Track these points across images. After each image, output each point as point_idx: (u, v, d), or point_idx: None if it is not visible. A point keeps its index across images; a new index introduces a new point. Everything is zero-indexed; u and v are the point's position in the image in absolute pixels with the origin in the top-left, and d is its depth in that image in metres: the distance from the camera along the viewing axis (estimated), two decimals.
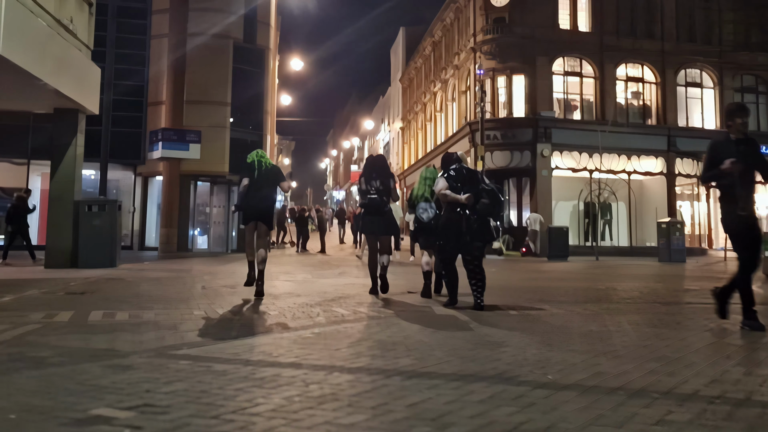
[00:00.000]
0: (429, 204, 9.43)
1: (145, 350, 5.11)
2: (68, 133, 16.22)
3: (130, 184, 27.99)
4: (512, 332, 6.30)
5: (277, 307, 8.25)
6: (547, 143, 30.52)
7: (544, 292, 11.21)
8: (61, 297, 9.36)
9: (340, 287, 11.39)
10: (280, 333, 6.09)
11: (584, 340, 5.91)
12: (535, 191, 30.48)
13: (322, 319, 7.14)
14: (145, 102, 27.45)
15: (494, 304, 8.69)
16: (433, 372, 4.39)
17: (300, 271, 15.67)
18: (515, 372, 4.43)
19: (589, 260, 25.39)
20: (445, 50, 39.89)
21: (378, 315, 7.59)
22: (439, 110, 41.15)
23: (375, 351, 5.20)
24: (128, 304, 8.34)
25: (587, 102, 32.63)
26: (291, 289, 10.99)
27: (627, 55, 32.79)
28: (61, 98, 14.83)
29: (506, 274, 16.65)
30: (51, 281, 11.81)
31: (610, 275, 16.79)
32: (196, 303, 8.61)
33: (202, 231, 28.12)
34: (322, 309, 8.02)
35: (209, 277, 13.56)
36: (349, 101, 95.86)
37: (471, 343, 5.60)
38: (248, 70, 28.15)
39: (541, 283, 13.79)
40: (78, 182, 16.41)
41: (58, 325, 6.49)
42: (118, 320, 6.89)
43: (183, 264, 18.38)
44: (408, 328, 6.48)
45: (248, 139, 27.74)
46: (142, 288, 10.80)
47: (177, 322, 6.72)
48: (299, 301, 9.00)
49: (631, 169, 32.01)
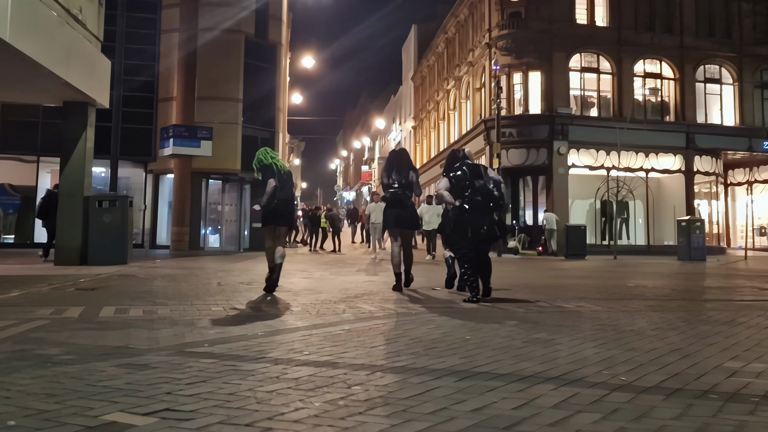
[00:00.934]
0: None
1: (162, 348, 4.64)
2: (78, 127, 15.78)
3: (141, 181, 27.54)
4: (560, 329, 5.80)
5: (299, 303, 7.78)
6: (563, 141, 29.95)
7: (573, 289, 10.70)
8: (70, 293, 8.91)
9: (360, 284, 10.92)
10: (308, 329, 5.61)
11: (640, 337, 5.40)
12: (552, 189, 29.90)
13: (350, 315, 6.66)
14: (155, 98, 26.99)
15: (525, 299, 8.21)
16: (488, 372, 3.89)
17: (316, 269, 15.20)
18: (581, 373, 3.93)
19: (608, 259, 24.85)
20: (459, 47, 39.34)
21: (408, 311, 7.11)
22: (453, 108, 40.61)
23: (415, 348, 4.70)
24: (141, 300, 7.88)
25: (604, 99, 32.02)
26: (310, 285, 10.51)
27: (645, 51, 32.15)
28: (70, 90, 14.38)
29: (528, 273, 16.17)
30: (60, 277, 11.37)
31: (635, 273, 16.28)
32: (213, 299, 8.14)
33: (213, 229, 27.70)
34: (347, 305, 7.54)
35: (224, 274, 13.10)
36: (359, 101, 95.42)
37: (519, 341, 5.10)
38: (260, 66, 27.67)
39: (566, 280, 13.27)
40: (88, 177, 15.98)
41: (67, 321, 6.03)
42: (132, 316, 6.43)
43: (196, 262, 17.94)
44: (445, 324, 5.99)
45: (260, 137, 27.28)
46: (155, 285, 10.34)
47: (195, 318, 6.25)
48: (321, 297, 8.52)
49: (649, 167, 31.40)
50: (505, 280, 12.62)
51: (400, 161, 10.06)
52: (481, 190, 8.15)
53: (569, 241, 26.22)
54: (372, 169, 77.28)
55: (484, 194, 8.15)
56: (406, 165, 10.02)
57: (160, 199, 27.87)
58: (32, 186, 25.75)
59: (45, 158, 25.08)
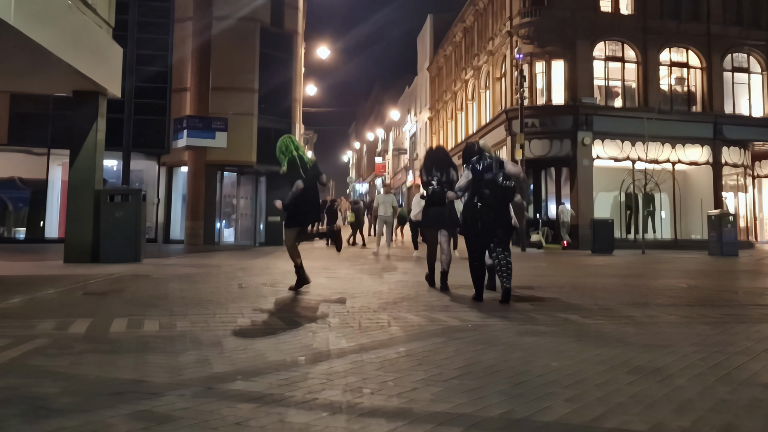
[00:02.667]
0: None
1: (186, 382, 3.75)
2: (88, 118, 14.95)
3: (154, 174, 26.75)
4: (656, 351, 4.88)
5: (334, 311, 6.90)
6: (588, 131, 28.95)
7: (625, 291, 9.77)
8: (78, 298, 8.07)
9: (393, 286, 10.03)
10: (357, 353, 4.71)
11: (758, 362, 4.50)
12: (576, 182, 28.92)
13: (398, 330, 5.77)
14: (168, 88, 26.13)
15: (579, 304, 7.30)
16: (626, 430, 2.99)
17: (338, 266, 14.32)
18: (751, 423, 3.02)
19: (636, 254, 23.89)
20: (478, 36, 38.29)
21: (462, 323, 6.21)
22: (471, 99, 39.58)
23: (500, 385, 3.80)
24: (157, 309, 7.02)
25: (629, 88, 30.98)
26: (339, 287, 9.63)
27: (671, 39, 31.05)
28: (79, 78, 13.54)
29: (560, 270, 15.27)
30: (69, 278, 10.54)
31: (676, 270, 15.37)
32: (236, 306, 7.27)
33: (228, 223, 26.92)
34: (390, 315, 6.66)
35: (243, 273, 12.24)
36: (372, 92, 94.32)
37: (621, 371, 4.19)
38: (276, 55, 26.82)
39: (607, 280, 12.30)
40: (99, 170, 15.15)
41: (71, 339, 5.17)
42: (147, 332, 5.56)
43: (211, 258, 17.11)
44: (515, 344, 5.09)
45: (276, 128, 26.46)
46: (171, 287, 9.48)
47: (220, 335, 5.37)
48: (357, 304, 7.64)
49: (676, 159, 30.37)
50: (542, 278, 11.74)
51: (439, 158, 9.76)
52: (489, 184, 7.94)
53: (596, 236, 25.29)
54: (385, 160, 76.37)
55: (492, 188, 7.92)
56: (446, 162, 9.73)
57: (173, 193, 27.08)
58: (42, 179, 25.03)
59: (56, 151, 24.34)
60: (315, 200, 9.16)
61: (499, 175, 7.91)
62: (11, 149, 24.47)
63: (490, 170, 8.00)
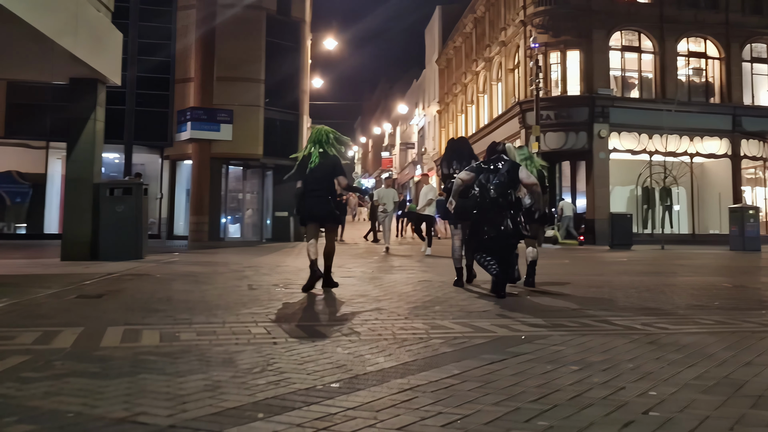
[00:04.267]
0: None
1: (191, 422, 2.89)
2: (87, 107, 14.04)
3: (157, 168, 25.88)
4: (757, 370, 4.02)
5: (362, 318, 6.04)
6: (604, 123, 28.03)
7: (671, 292, 8.90)
8: (70, 302, 7.21)
9: (417, 286, 9.17)
10: (402, 376, 3.82)
11: None
12: (592, 175, 28.01)
13: (441, 343, 4.90)
14: (171, 79, 25.29)
15: (630, 307, 6.43)
16: None
17: (352, 264, 13.47)
18: None
19: (655, 249, 23.09)
20: (489, 26, 37.28)
21: (512, 334, 5.34)
22: (482, 91, 38.60)
23: (607, 428, 2.93)
24: (158, 315, 6.17)
25: (646, 79, 30.03)
26: (360, 288, 8.77)
27: (688, 28, 30.04)
28: (77, 65, 12.68)
29: (587, 267, 14.45)
30: (64, 278, 9.69)
31: (709, 267, 14.63)
32: (248, 312, 6.41)
33: (233, 219, 26.09)
34: (425, 323, 5.79)
35: (252, 272, 11.39)
36: (378, 86, 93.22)
37: (741, 398, 3.33)
38: (283, 45, 25.97)
39: (643, 278, 11.39)
40: (98, 162, 14.27)
41: (54, 355, 4.30)
42: (145, 346, 4.70)
43: (217, 255, 16.26)
44: (588, 364, 4.21)
45: (283, 120, 25.69)
46: (175, 288, 8.63)
47: (232, 351, 4.51)
48: (384, 307, 6.78)
49: (694, 151, 29.44)
50: (573, 276, 10.91)
51: (461, 150, 9.65)
52: (482, 188, 7.83)
53: (614, 231, 24.49)
54: (393, 155, 75.44)
55: (482, 192, 7.82)
56: (468, 153, 9.53)
57: (177, 187, 26.21)
58: (41, 174, 24.22)
59: (55, 144, 23.49)
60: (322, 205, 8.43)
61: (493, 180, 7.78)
62: (8, 142, 23.66)
63: (494, 173, 7.86)
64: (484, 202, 7.77)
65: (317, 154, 8.49)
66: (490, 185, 7.76)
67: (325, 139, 8.59)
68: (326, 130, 8.70)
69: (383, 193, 19.26)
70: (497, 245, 7.79)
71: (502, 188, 7.75)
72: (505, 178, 7.78)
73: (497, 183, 7.75)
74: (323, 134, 8.63)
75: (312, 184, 8.37)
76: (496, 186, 7.74)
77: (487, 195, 7.75)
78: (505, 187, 7.76)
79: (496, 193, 7.72)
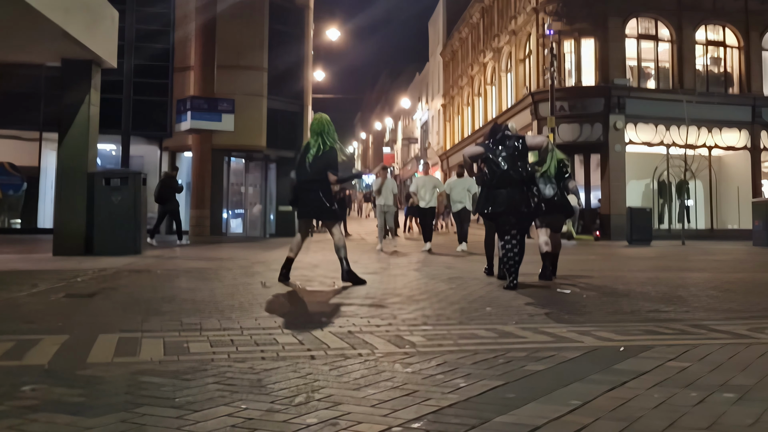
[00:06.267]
0: (546, 178, 8.61)
1: None
2: (80, 90, 12.96)
3: (156, 160, 24.72)
4: None
5: (409, 324, 4.96)
6: (620, 114, 26.89)
7: (739, 291, 7.86)
8: (57, 302, 6.14)
9: (450, 283, 8.11)
10: (503, 410, 2.72)
11: None
12: (607, 168, 26.92)
13: (523, 357, 3.83)
14: (171, 67, 24.14)
15: (705, 307, 5.38)
16: None
17: (364, 259, 12.42)
18: None
19: (675, 245, 22.03)
20: (498, 15, 36.14)
21: (601, 341, 4.26)
22: (491, 83, 37.48)
23: None
24: (160, 318, 5.11)
25: (663, 69, 28.93)
26: (388, 286, 7.71)
27: (707, 16, 28.88)
28: (69, 44, 11.63)
29: (616, 263, 13.44)
30: (54, 274, 8.63)
31: (748, 263, 13.70)
32: (267, 315, 5.35)
33: (236, 213, 25.00)
34: (487, 330, 4.73)
35: (262, 267, 10.35)
36: (379, 81, 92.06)
37: None
38: (286, 32, 24.85)
39: (687, 275, 10.30)
40: (92, 149, 13.18)
41: (24, 377, 3.23)
42: (145, 362, 3.63)
43: (220, 250, 15.20)
44: (752, 389, 3.17)
45: (288, 110, 24.60)
46: (178, 286, 7.57)
47: (259, 368, 3.44)
48: (426, 308, 5.71)
49: (712, 144, 28.33)
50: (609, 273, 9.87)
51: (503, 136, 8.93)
52: (491, 162, 7.72)
53: (633, 226, 23.40)
54: (394, 150, 74.36)
55: (491, 168, 7.72)
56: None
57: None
58: (35, 167, 23.15)
59: (48, 135, 22.37)
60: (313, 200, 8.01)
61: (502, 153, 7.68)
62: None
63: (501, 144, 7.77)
64: (494, 177, 7.66)
65: (316, 146, 8.06)
66: (499, 158, 7.67)
67: (327, 129, 8.13)
68: (327, 120, 8.27)
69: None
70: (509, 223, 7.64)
71: (512, 159, 7.64)
72: (513, 148, 7.70)
73: (505, 155, 7.66)
74: (324, 124, 8.18)
75: (306, 177, 8.05)
76: (504, 158, 7.65)
77: (498, 169, 7.63)
78: (514, 159, 7.65)
79: (507, 165, 7.60)
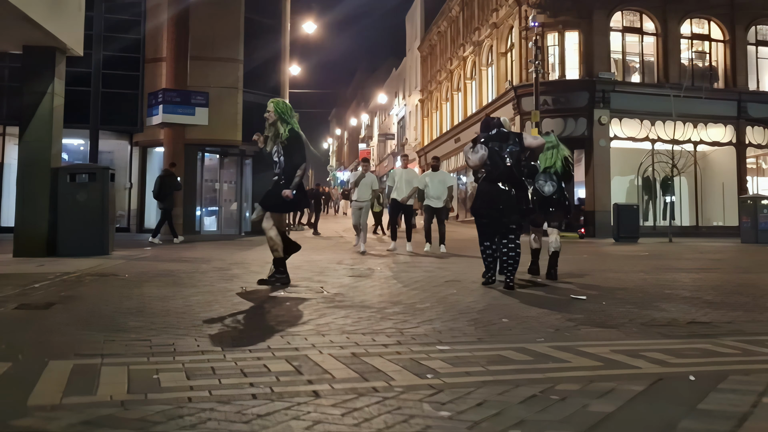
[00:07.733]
0: (548, 175, 8.60)
1: None
2: (43, 79, 12.02)
3: (126, 155, 23.76)
4: None
5: (422, 343, 4.17)
6: (605, 109, 26.37)
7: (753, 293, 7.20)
8: (5, 316, 5.27)
9: (450, 288, 7.35)
10: None
11: None
12: (591, 164, 26.35)
13: (576, 391, 3.05)
14: (142, 59, 23.21)
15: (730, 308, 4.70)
16: None
17: (352, 260, 11.61)
18: None
19: (662, 242, 21.60)
20: (479, 8, 35.43)
21: (659, 366, 3.51)
22: (470, 78, 36.82)
23: None
24: (125, 337, 4.27)
25: (648, 63, 28.42)
26: (384, 291, 6.92)
27: (692, 9, 28.38)
28: (31, 28, 10.73)
29: (611, 263, 12.63)
30: (10, 278, 7.73)
31: (749, 262, 12.98)
32: (254, 333, 4.53)
33: (209, 210, 24.11)
34: (515, 350, 3.95)
35: (240, 270, 9.51)
36: (354, 77, 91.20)
37: None
38: (263, 22, 24.03)
39: (693, 275, 9.68)
40: (57, 143, 12.24)
41: None
42: (104, 403, 2.80)
43: (194, 250, 14.30)
44: None
45: (264, 104, 23.53)
46: (147, 292, 6.71)
47: (251, 412, 2.63)
48: (434, 320, 4.93)
49: (698, 139, 27.87)
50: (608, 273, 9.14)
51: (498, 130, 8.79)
52: (495, 156, 7.62)
53: (620, 223, 22.88)
54: (370, 146, 73.60)
55: (493, 162, 7.63)
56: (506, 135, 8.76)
57: (148, 176, 24.03)
58: None
59: (12, 129, 21.32)
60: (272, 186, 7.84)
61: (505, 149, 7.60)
62: None
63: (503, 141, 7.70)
64: (496, 171, 7.60)
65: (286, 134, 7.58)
66: (504, 153, 7.60)
67: (290, 114, 7.71)
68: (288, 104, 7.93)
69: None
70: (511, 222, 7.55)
71: (516, 155, 7.62)
72: (516, 145, 7.66)
73: (510, 151, 7.60)
74: (288, 109, 7.77)
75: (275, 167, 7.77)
76: (510, 153, 7.59)
77: (501, 163, 7.57)
78: (518, 155, 7.64)
79: (511, 161, 7.57)
